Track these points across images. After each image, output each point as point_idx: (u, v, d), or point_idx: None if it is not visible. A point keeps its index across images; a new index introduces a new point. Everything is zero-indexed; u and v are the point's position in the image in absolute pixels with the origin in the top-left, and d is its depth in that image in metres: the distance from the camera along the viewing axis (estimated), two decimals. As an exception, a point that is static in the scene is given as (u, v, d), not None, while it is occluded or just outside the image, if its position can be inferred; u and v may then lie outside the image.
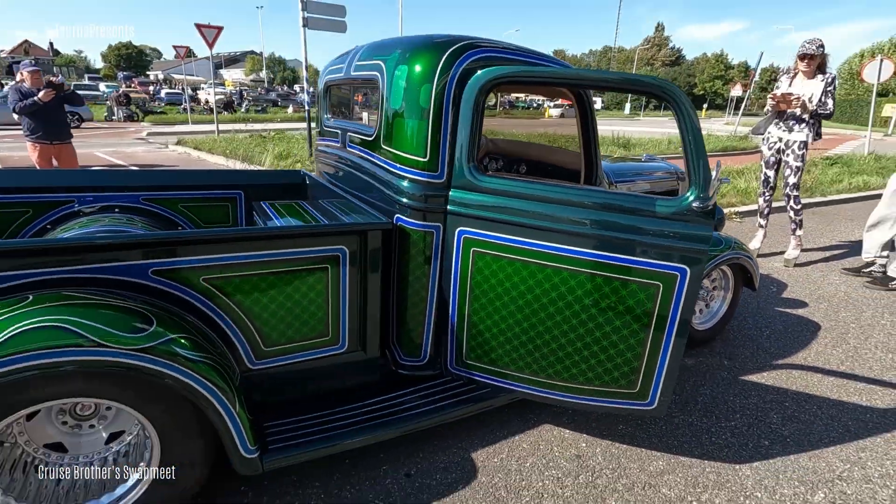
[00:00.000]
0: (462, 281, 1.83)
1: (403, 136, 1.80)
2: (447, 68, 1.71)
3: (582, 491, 1.79)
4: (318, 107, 2.79)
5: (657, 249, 1.57)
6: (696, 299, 1.60)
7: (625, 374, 1.72)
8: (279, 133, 13.99)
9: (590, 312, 1.68)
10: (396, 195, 1.84)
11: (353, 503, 1.71)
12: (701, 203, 1.52)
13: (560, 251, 1.65)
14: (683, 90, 11.13)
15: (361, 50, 2.19)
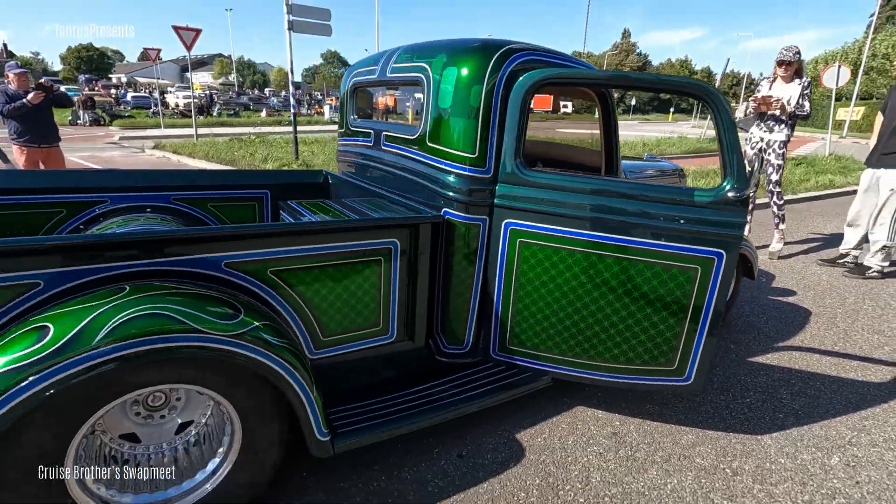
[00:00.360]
0: (508, 270, 1.94)
1: (453, 134, 1.90)
2: (496, 70, 1.82)
3: (624, 464, 1.92)
4: (341, 108, 2.86)
5: (696, 235, 1.72)
6: (731, 281, 1.76)
7: (664, 352, 1.87)
8: (259, 137, 13.84)
9: (632, 296, 1.81)
10: (444, 190, 1.94)
11: (413, 482, 1.79)
12: (736, 192, 1.68)
13: (605, 239, 1.78)
14: (651, 94, 11.69)
15: (397, 52, 2.28)
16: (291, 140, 13.03)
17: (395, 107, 3.39)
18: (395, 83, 2.36)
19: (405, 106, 3.37)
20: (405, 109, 3.42)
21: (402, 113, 3.47)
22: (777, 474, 1.89)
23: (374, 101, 3.14)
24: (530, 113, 1.89)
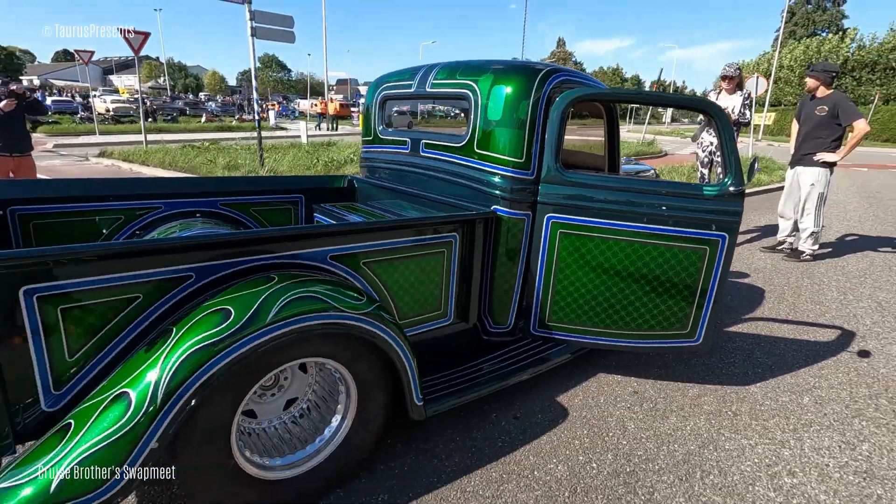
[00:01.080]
0: (549, 257, 2.29)
1: (501, 142, 2.22)
2: (540, 87, 2.17)
3: (649, 414, 2.32)
4: (367, 118, 3.09)
5: (705, 222, 2.14)
6: (732, 258, 2.21)
7: (679, 318, 2.28)
8: (213, 143, 13.47)
9: (655, 273, 2.21)
10: (492, 190, 2.25)
11: (484, 440, 2.09)
12: (736, 187, 2.12)
13: (633, 228, 2.17)
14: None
15: (435, 70, 2.57)
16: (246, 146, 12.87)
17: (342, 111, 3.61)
18: (436, 97, 2.65)
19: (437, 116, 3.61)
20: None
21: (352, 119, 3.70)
22: (766, 412, 2.36)
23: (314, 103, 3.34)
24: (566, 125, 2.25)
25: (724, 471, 1.97)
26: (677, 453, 2.06)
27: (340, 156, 11.55)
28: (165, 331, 1.38)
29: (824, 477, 1.95)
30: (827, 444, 2.15)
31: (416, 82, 2.68)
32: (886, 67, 26.74)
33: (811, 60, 28.64)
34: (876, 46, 27.33)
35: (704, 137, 5.32)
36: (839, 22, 39.97)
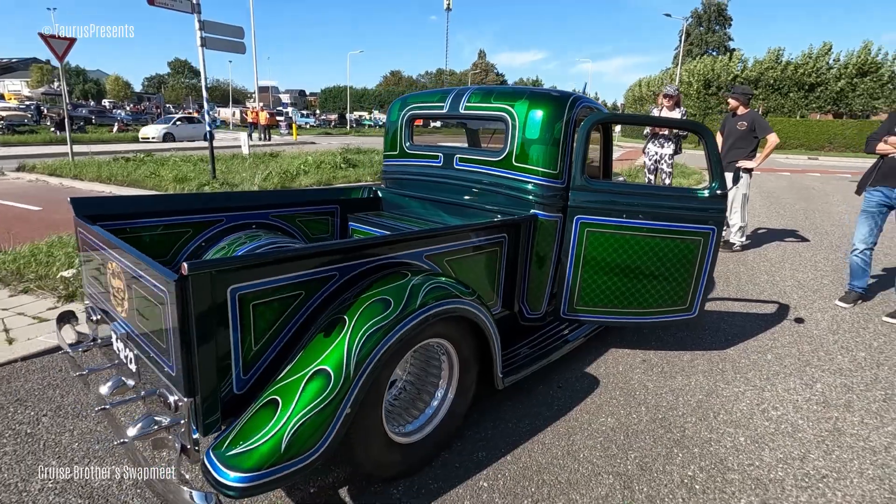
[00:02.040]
0: (577, 251, 2.75)
1: (538, 156, 2.66)
2: (570, 111, 2.63)
3: (661, 375, 2.85)
4: (394, 134, 3.39)
5: (700, 218, 2.71)
6: (720, 246, 2.79)
7: (681, 296, 2.84)
8: (147, 155, 12.77)
9: (663, 261, 2.75)
10: (529, 197, 2.68)
11: (541, 405, 2.50)
12: (721, 190, 2.71)
13: (646, 224, 2.69)
14: None
15: (468, 94, 2.96)
16: (185, 157, 12.40)
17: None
18: (470, 118, 3.03)
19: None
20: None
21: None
22: (744, 368, 2.98)
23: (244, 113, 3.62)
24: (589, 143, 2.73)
25: (728, 410, 2.52)
26: (691, 401, 2.60)
27: (291, 167, 11.47)
28: (338, 319, 1.66)
29: (797, 408, 2.57)
30: (793, 386, 2.79)
31: (447, 104, 3.04)
32: (766, 84, 30.73)
33: (706, 77, 32.20)
34: (757, 66, 31.32)
35: (650, 148, 6.12)
36: (726, 43, 45.47)
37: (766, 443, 2.28)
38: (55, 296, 3.63)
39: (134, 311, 1.72)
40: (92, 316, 2.18)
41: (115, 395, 1.77)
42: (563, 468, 2.06)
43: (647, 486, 1.97)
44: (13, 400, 2.41)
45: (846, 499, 1.94)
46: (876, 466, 2.14)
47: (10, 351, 2.83)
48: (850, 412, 2.55)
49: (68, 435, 2.17)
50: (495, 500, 1.87)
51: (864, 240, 3.99)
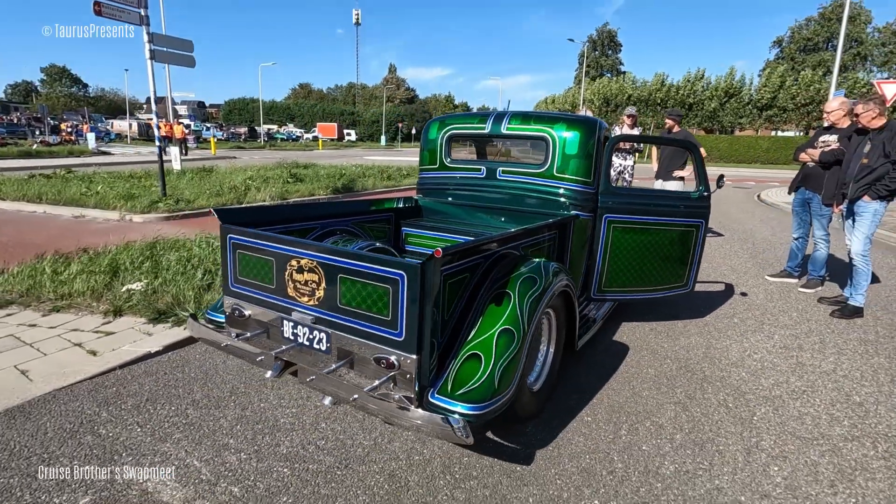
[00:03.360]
0: (605, 243, 3.45)
1: (576, 168, 3.33)
2: (599, 132, 3.34)
3: (668, 338, 3.64)
4: (431, 150, 3.88)
5: (693, 213, 3.54)
6: (707, 233, 3.64)
7: (680, 274, 3.65)
8: (69, 171, 11.75)
9: (668, 247, 3.54)
10: (569, 200, 3.34)
11: (592, 365, 3.15)
12: (706, 192, 3.57)
13: (656, 220, 3.47)
14: (422, 124, 16.70)
15: (507, 117, 3.55)
16: (109, 173, 11.72)
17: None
18: (511, 138, 3.62)
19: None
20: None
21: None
22: (723, 328, 3.87)
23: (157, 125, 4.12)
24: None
25: (726, 357, 3.35)
26: (699, 354, 3.40)
27: (236, 182, 11.26)
28: (503, 293, 2.18)
29: (769, 352, 3.47)
30: (760, 339, 3.71)
31: (489, 126, 3.62)
32: (654, 103, 34.85)
33: (606, 96, 35.67)
34: (646, 87, 35.46)
35: (614, 160, 7.14)
36: (618, 66, 50.85)
37: (760, 375, 3.11)
38: (95, 312, 3.63)
39: (334, 297, 2.09)
40: (238, 312, 2.46)
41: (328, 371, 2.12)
42: (637, 404, 2.71)
43: (697, 407, 2.69)
44: (143, 399, 2.57)
45: (821, 401, 2.79)
46: (832, 382, 3.04)
47: (104, 361, 2.91)
48: (803, 352, 3.50)
49: (225, 421, 2.41)
50: (601, 426, 2.47)
51: (796, 230, 5.18)
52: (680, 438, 2.40)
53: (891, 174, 4.01)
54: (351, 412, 2.51)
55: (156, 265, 4.36)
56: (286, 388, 2.73)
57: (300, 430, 2.36)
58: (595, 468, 2.16)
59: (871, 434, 2.50)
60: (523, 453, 2.24)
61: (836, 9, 41.77)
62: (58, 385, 2.65)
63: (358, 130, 70.66)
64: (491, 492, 1.99)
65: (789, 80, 32.98)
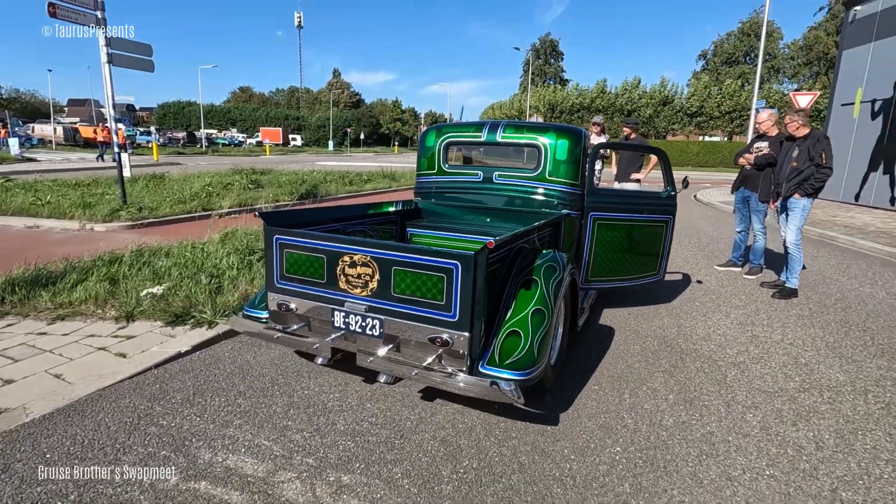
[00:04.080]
0: (591, 238, 3.91)
1: (565, 172, 3.76)
2: (584, 140, 3.80)
3: (647, 320, 4.14)
4: (430, 156, 4.20)
5: (663, 210, 4.07)
6: (674, 227, 4.19)
7: (653, 265, 4.17)
8: (8, 179, 11.00)
9: (644, 241, 4.05)
10: (560, 201, 3.77)
11: (593, 341, 3.58)
12: (673, 192, 4.11)
13: (633, 216, 3.97)
14: (369, 129, 17.97)
15: (501, 126, 3.94)
16: (52, 180, 11.18)
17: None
18: (506, 145, 3.99)
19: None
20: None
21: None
22: (688, 310, 4.44)
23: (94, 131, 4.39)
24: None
25: (696, 334, 3.89)
26: (674, 332, 3.92)
27: (196, 189, 11.03)
28: (530, 279, 2.54)
29: (729, 328, 4.05)
30: (719, 318, 4.30)
31: (485, 134, 3.99)
32: (596, 109, 36.75)
33: (551, 102, 37.14)
34: (588, 94, 37.33)
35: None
36: (561, 74, 53.20)
37: (725, 346, 3.67)
38: (105, 318, 3.66)
39: (388, 287, 2.37)
40: (284, 306, 2.68)
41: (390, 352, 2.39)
42: (632, 374, 3.16)
43: (681, 374, 3.17)
44: (190, 394, 2.72)
45: (776, 363, 3.36)
46: (782, 349, 3.64)
47: (137, 362, 3.01)
48: (755, 327, 4.11)
49: (277, 407, 2.62)
50: (607, 393, 2.89)
51: (738, 224, 5.92)
52: (672, 398, 2.86)
53: (815, 175, 4.75)
54: (390, 393, 2.78)
55: (155, 272, 4.38)
56: (323, 377, 2.96)
57: (349, 410, 2.61)
58: (610, 424, 2.56)
59: (817, 386, 3.07)
60: (550, 417, 2.61)
61: (753, 25, 45.88)
62: (100, 385, 2.74)
63: (304, 135, 69.37)
64: (531, 447, 2.34)
65: (714, 89, 35.89)
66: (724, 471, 2.22)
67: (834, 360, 3.48)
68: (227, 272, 4.34)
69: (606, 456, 2.30)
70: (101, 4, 8.11)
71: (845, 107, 13.61)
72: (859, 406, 2.83)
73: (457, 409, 2.65)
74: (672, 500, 2.02)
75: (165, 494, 1.96)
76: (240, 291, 3.94)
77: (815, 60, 42.09)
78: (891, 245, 7.64)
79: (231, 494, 1.97)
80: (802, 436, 2.52)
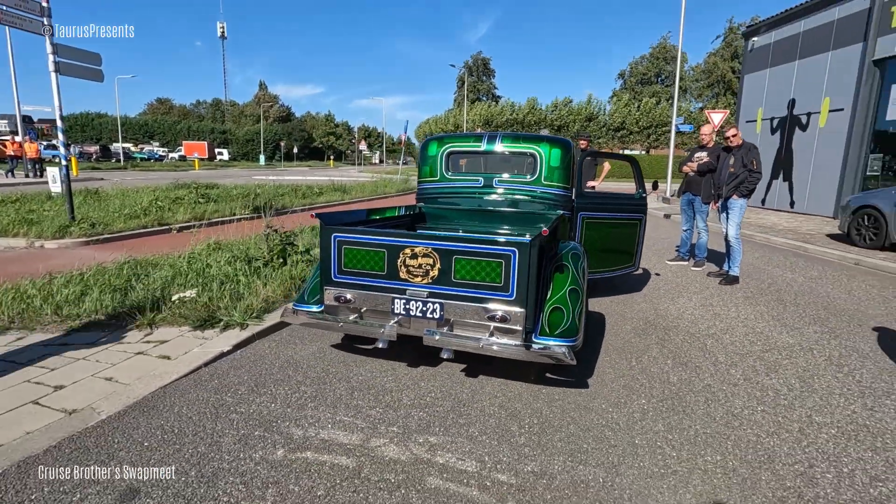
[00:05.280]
0: (581, 235, 4.45)
1: (559, 177, 4.28)
2: (573, 149, 4.34)
3: (629, 306, 4.74)
4: (429, 165, 4.56)
5: (637, 210, 4.71)
6: (646, 225, 4.83)
7: (631, 258, 4.78)
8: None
9: (623, 236, 4.65)
10: (555, 202, 4.28)
11: (597, 324, 4.09)
12: (644, 194, 4.76)
13: (614, 215, 4.57)
14: (301, 143, 18.73)
15: (499, 137, 4.39)
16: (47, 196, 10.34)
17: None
18: (505, 154, 4.44)
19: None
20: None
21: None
22: (659, 296, 5.10)
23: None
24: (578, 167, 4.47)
25: (671, 314, 4.53)
26: (653, 313, 4.53)
27: (144, 203, 10.57)
28: (562, 265, 2.98)
29: (695, 308, 4.74)
30: (685, 302, 5.00)
31: (484, 144, 4.43)
32: (528, 124, 38.70)
33: (485, 118, 38.57)
34: (520, 111, 39.25)
35: None
36: (493, 90, 55.45)
37: (697, 322, 4.32)
38: (126, 327, 3.66)
39: (448, 274, 2.70)
40: (343, 298, 2.93)
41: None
42: (632, 346, 3.69)
43: (670, 344, 3.75)
44: (252, 385, 2.87)
45: (740, 333, 4.04)
46: (740, 322, 4.36)
47: (186, 362, 3.09)
48: (715, 307, 4.84)
49: (341, 391, 2.85)
50: (618, 361, 3.39)
51: (684, 224, 6.78)
52: (671, 363, 3.41)
53: (749, 178, 5.65)
54: (437, 373, 3.10)
55: (163, 282, 4.37)
56: (371, 364, 3.21)
57: (408, 389, 2.90)
58: (631, 385, 3.05)
59: (776, 347, 3.76)
60: (581, 382, 3.05)
61: (661, 49, 50.64)
62: (160, 384, 2.82)
63: (231, 149, 66.67)
64: (574, 405, 2.76)
65: (633, 106, 39.11)
66: (728, 410, 2.76)
67: (781, 328, 4.23)
68: (239, 279, 4.42)
69: (636, 406, 2.77)
70: (48, 11, 7.74)
71: (749, 123, 15.59)
72: (810, 359, 3.54)
73: (500, 382, 3.02)
74: (697, 432, 2.52)
75: (280, 464, 2.16)
76: (261, 296, 4.06)
77: (715, 83, 47.20)
78: (797, 240, 8.97)
79: (339, 458, 2.21)
80: (775, 382, 3.14)
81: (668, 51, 50.54)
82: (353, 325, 2.87)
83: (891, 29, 10.78)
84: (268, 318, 3.81)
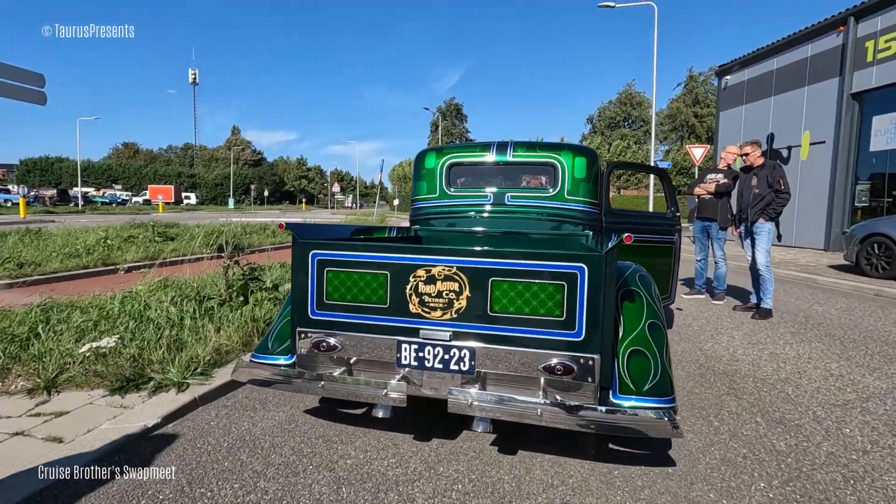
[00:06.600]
0: (611, 261, 3.68)
1: (585, 191, 3.54)
2: (598, 159, 3.64)
3: (664, 347, 3.93)
4: (430, 180, 3.77)
5: (670, 231, 4.00)
6: (680, 247, 4.11)
7: (665, 288, 4.02)
8: None
9: (658, 262, 3.90)
10: (582, 219, 3.52)
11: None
12: (677, 213, 4.07)
13: (649, 238, 3.83)
14: (272, 187, 18.20)
15: (510, 146, 3.66)
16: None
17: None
18: (518, 165, 3.70)
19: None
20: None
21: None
22: (693, 333, 4.33)
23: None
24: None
25: (721, 350, 3.74)
26: (699, 352, 3.73)
27: (89, 240, 9.41)
28: (631, 291, 2.16)
29: (743, 343, 3.97)
30: (728, 336, 4.23)
31: (493, 154, 3.68)
32: (502, 166, 39.02)
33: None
34: (494, 152, 39.64)
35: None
36: (465, 135, 56.18)
37: (759, 365, 3.54)
38: (11, 392, 2.61)
39: (482, 305, 1.85)
40: (324, 344, 2.02)
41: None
42: (700, 401, 2.86)
43: (746, 395, 2.93)
44: (182, 485, 1.88)
45: (816, 376, 3.27)
46: (816, 368, 3.60)
47: (83, 445, 2.07)
48: (766, 345, 4.08)
49: (321, 487, 1.89)
50: (690, 420, 2.54)
51: (698, 253, 6.11)
52: (762, 421, 2.58)
53: (776, 199, 5.08)
54: (458, 450, 2.17)
55: (79, 330, 3.32)
56: (360, 440, 2.26)
57: (421, 479, 1.96)
58: (730, 457, 2.19)
59: (874, 395, 2.98)
60: (661, 456, 2.17)
61: (627, 95, 52.72)
62: (24, 493, 1.80)
63: (199, 193, 65.05)
64: (670, 495, 1.87)
65: (604, 149, 39.96)
66: (886, 493, 1.92)
67: (859, 369, 3.48)
68: (185, 322, 3.42)
69: (758, 494, 1.90)
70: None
71: (727, 159, 15.64)
72: (925, 410, 2.77)
73: (550, 460, 2.12)
74: (869, 538, 1.66)
75: None
76: (210, 344, 3.07)
77: (679, 127, 49.08)
78: (802, 272, 8.49)
79: None
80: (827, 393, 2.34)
81: (634, 96, 52.65)
82: (338, 384, 1.95)
83: (867, 63, 10.93)
84: (217, 375, 2.83)
